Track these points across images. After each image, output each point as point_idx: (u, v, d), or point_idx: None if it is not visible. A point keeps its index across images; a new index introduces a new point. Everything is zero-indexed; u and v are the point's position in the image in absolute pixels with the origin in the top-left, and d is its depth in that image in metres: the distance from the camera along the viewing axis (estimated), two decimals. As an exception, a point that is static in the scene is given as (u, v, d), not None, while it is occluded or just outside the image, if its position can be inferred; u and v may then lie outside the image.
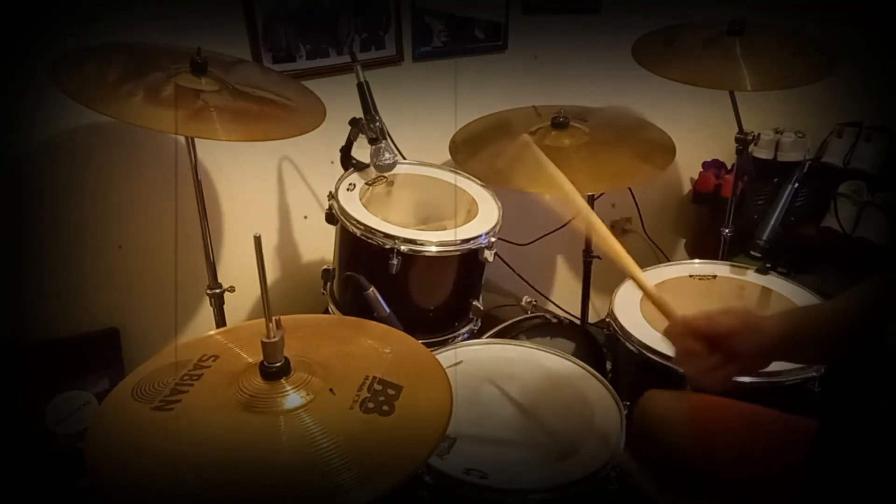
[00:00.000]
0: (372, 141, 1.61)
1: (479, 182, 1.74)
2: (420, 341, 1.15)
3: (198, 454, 0.89)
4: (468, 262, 1.59)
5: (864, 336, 0.93)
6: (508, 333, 1.69)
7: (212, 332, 1.16)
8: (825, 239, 2.34)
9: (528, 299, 1.85)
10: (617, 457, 1.14)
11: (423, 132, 2.01)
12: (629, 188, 2.34)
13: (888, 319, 0.87)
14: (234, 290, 1.64)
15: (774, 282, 1.72)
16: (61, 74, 1.30)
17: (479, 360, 1.47)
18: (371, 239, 1.50)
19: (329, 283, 1.72)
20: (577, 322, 2.09)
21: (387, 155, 1.62)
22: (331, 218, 1.61)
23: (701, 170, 2.61)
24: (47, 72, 1.31)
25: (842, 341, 0.98)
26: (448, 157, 1.87)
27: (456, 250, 1.53)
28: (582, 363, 1.44)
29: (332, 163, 1.74)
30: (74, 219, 1.67)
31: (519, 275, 2.28)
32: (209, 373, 1.03)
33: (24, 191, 1.60)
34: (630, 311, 1.60)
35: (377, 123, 1.61)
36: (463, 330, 1.67)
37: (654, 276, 1.74)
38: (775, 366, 1.35)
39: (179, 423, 0.94)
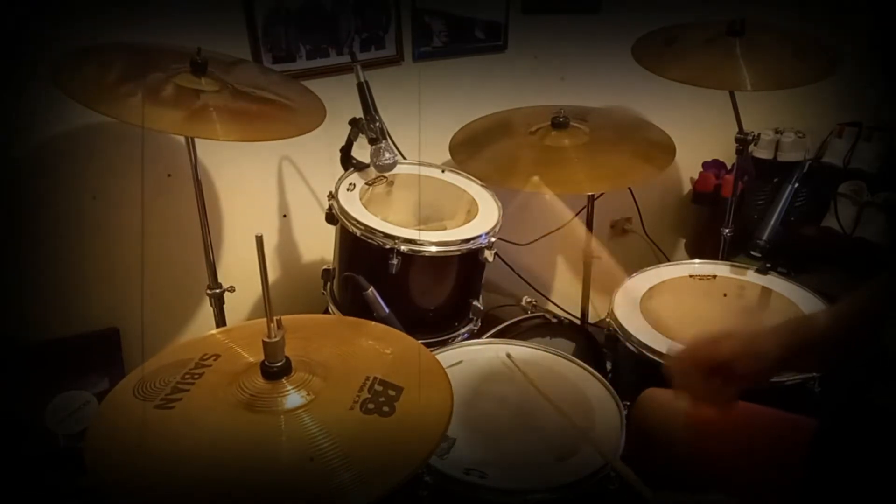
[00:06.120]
0: (372, 141, 1.61)
1: (479, 182, 1.74)
2: (420, 341, 1.14)
3: (198, 453, 0.89)
4: (468, 262, 1.59)
5: (862, 341, 0.94)
6: (508, 333, 1.69)
7: (213, 332, 1.16)
8: (825, 239, 2.34)
9: (528, 299, 1.86)
10: (613, 463, 1.13)
11: (423, 132, 2.01)
12: (629, 188, 2.34)
13: (885, 321, 0.88)
14: (234, 290, 1.64)
15: (774, 282, 1.72)
16: (61, 74, 1.30)
17: (479, 360, 1.47)
18: (371, 239, 1.50)
19: (329, 283, 1.72)
20: (577, 322, 2.09)
21: (387, 155, 1.62)
22: (331, 218, 1.61)
23: (701, 170, 2.61)
24: (47, 72, 1.31)
25: (840, 349, 0.99)
26: (448, 157, 1.87)
27: (456, 250, 1.53)
28: (582, 363, 1.44)
29: (332, 162, 1.74)
30: (74, 219, 1.67)
31: (519, 275, 2.28)
32: (210, 372, 1.03)
33: (23, 190, 1.60)
34: (630, 311, 1.60)
35: (377, 123, 1.61)
36: (463, 330, 1.67)
37: (654, 276, 1.74)
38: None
39: (180, 421, 0.94)
